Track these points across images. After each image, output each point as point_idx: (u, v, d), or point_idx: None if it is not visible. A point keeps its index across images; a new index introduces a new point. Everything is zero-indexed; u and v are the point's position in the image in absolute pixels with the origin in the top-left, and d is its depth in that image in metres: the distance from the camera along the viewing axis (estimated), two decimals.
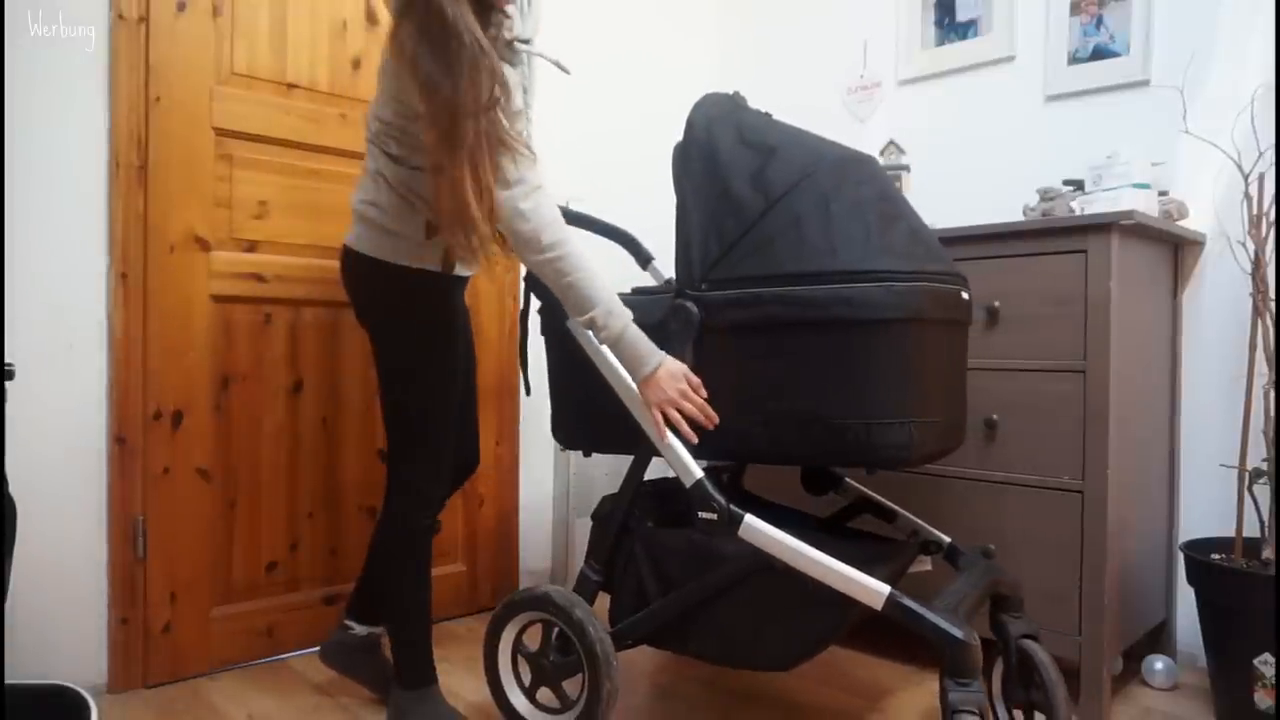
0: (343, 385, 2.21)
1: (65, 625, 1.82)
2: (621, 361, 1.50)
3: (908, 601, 1.27)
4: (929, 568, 1.73)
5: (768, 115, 1.62)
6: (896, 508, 1.76)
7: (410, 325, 1.62)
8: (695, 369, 1.47)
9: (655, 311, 1.52)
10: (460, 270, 1.64)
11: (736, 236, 1.45)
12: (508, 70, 1.51)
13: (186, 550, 1.96)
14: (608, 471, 2.68)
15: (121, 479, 1.87)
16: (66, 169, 1.81)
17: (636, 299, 1.57)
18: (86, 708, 1.40)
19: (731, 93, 1.65)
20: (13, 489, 1.38)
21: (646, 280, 2.13)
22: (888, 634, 2.21)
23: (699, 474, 1.45)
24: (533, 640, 1.64)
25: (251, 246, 2.05)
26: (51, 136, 1.78)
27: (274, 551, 2.11)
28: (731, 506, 1.41)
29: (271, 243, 2.08)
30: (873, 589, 1.29)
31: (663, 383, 1.45)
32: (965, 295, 1.48)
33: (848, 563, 1.32)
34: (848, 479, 1.83)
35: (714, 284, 1.46)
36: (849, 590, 1.31)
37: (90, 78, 1.82)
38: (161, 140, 1.90)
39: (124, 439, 1.86)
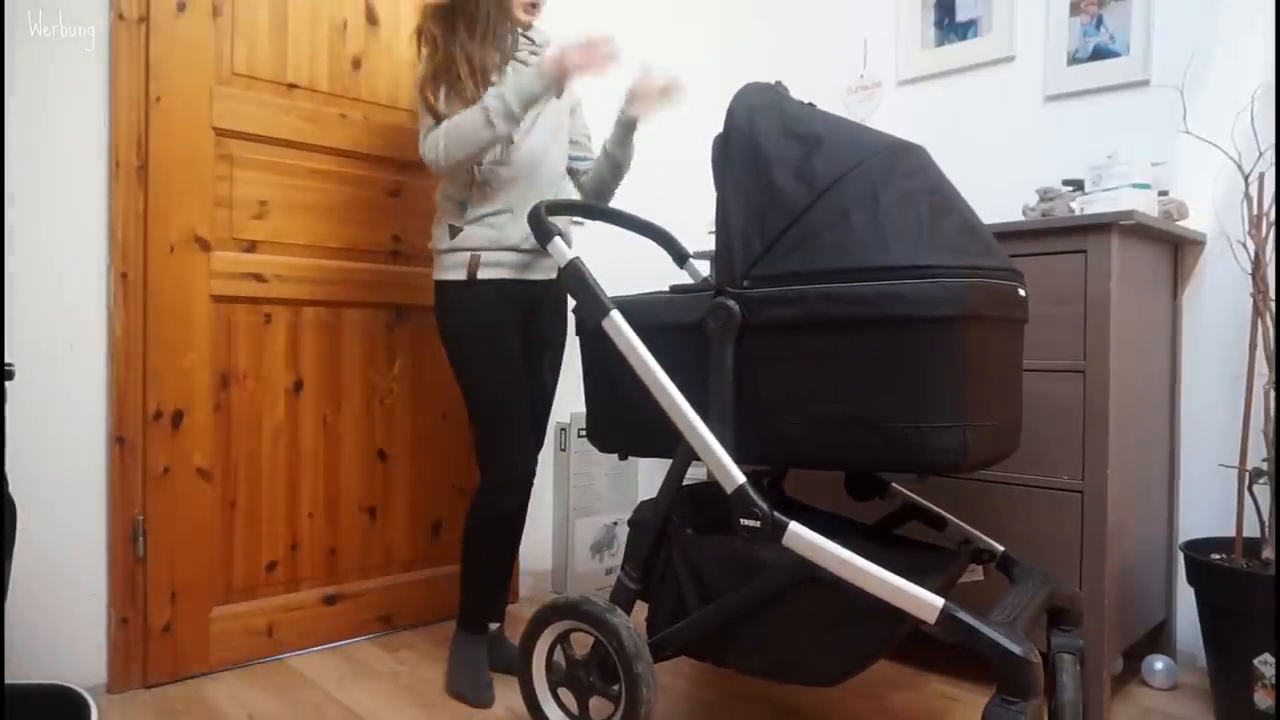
0: (343, 385, 2.21)
1: (65, 625, 1.82)
2: (529, 103, 1.71)
3: (963, 615, 1.20)
4: (980, 578, 1.64)
5: (811, 105, 1.54)
6: (947, 515, 1.68)
7: (457, 334, 1.85)
8: (736, 370, 1.41)
9: (694, 310, 1.45)
10: (500, 275, 1.81)
11: (780, 230, 1.37)
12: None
13: (186, 550, 1.96)
14: (609, 472, 2.68)
15: (121, 479, 1.87)
16: (66, 169, 1.81)
17: (675, 297, 1.50)
18: (86, 708, 1.39)
19: (774, 82, 1.57)
20: (13, 489, 1.38)
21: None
22: None
23: (741, 479, 1.38)
24: (577, 643, 1.58)
25: (251, 246, 2.05)
26: (51, 136, 1.78)
27: (274, 551, 2.11)
28: (775, 513, 1.35)
29: (271, 243, 2.08)
30: (926, 601, 1.22)
31: (554, 67, 1.70)
32: (1022, 292, 1.40)
33: (897, 573, 1.26)
34: (895, 484, 1.75)
35: (756, 281, 1.39)
36: (900, 603, 1.24)
37: (90, 78, 1.82)
38: (161, 140, 1.90)
39: (124, 439, 1.87)
